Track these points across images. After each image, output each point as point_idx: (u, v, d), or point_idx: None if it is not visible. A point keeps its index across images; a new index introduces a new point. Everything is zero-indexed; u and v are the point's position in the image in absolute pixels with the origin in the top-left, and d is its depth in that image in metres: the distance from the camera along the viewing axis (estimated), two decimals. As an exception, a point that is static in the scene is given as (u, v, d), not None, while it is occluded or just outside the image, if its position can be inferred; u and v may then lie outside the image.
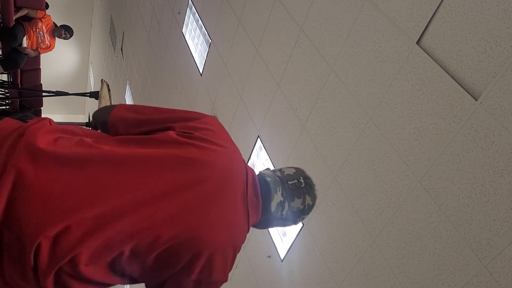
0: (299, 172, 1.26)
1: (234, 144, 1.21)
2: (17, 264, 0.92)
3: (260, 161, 3.47)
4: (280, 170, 1.27)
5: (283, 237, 3.16)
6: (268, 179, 1.22)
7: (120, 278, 1.05)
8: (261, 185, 1.20)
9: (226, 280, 1.13)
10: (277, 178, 1.23)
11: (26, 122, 1.08)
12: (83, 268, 0.95)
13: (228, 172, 1.12)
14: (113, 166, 1.01)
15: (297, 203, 1.21)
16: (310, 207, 1.24)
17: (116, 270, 1.03)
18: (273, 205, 1.18)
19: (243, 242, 1.14)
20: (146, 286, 1.12)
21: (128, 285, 7.73)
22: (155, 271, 1.05)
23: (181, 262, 1.03)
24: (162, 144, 1.08)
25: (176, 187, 1.03)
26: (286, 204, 1.20)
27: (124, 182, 1.00)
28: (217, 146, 1.13)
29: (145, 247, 1.00)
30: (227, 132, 1.23)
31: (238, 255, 1.15)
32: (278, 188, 1.20)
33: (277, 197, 1.19)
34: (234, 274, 3.78)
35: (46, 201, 0.92)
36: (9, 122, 1.08)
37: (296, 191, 1.21)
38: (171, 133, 1.12)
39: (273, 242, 3.21)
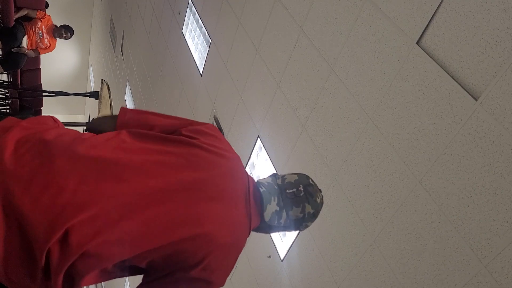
0: (301, 180, 1.24)
1: (235, 152, 1.24)
2: (26, 266, 0.92)
3: (260, 161, 3.47)
4: (282, 177, 1.27)
5: (283, 237, 3.16)
6: (262, 189, 1.20)
7: (121, 272, 1.06)
8: (256, 194, 1.21)
9: (222, 284, 1.12)
10: (275, 187, 1.22)
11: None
12: (91, 263, 0.96)
13: (233, 175, 1.15)
14: (121, 163, 1.02)
15: (296, 212, 1.20)
16: (312, 215, 1.22)
17: (121, 266, 1.03)
18: (267, 215, 1.17)
19: (244, 245, 1.14)
20: (144, 277, 1.12)
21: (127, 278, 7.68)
22: (160, 268, 1.05)
23: (189, 259, 1.03)
24: (173, 143, 1.11)
25: (184, 186, 1.04)
26: (284, 213, 1.19)
27: (132, 179, 1.00)
28: (222, 151, 1.17)
29: (154, 245, 0.99)
30: (227, 140, 1.27)
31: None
32: (273, 198, 1.19)
33: (271, 207, 1.17)
34: (234, 274, 3.78)
35: (56, 200, 0.92)
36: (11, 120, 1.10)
37: (295, 200, 1.20)
38: (180, 135, 1.16)
39: (273, 242, 3.21)
